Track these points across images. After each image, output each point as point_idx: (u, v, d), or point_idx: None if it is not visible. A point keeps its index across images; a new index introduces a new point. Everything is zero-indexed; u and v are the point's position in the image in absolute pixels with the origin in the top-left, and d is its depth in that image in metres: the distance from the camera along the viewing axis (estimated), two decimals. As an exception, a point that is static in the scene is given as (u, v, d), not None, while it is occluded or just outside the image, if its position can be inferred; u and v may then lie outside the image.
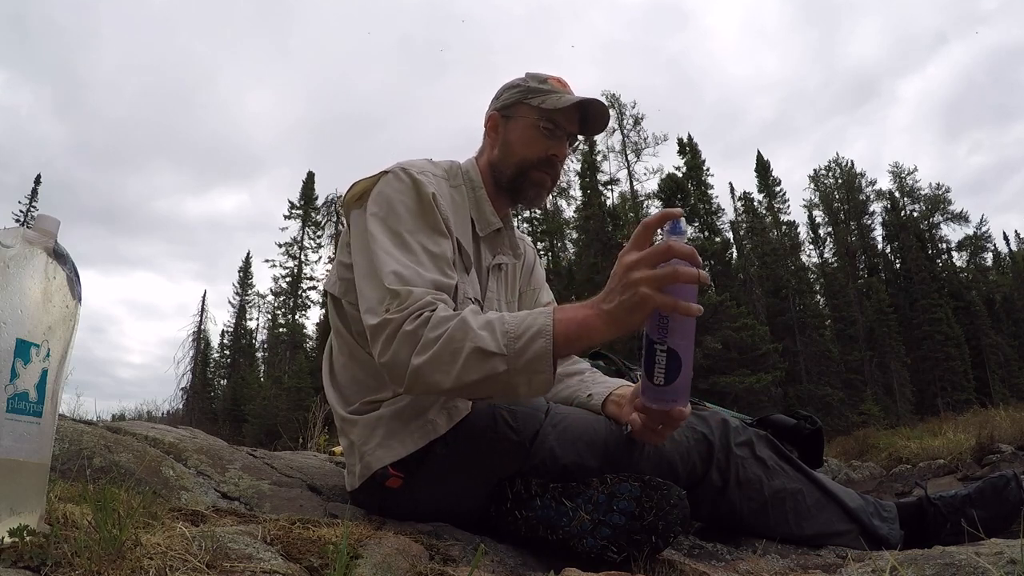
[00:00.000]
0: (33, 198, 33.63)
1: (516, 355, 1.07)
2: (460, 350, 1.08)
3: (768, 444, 1.38)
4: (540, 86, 1.43)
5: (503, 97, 1.47)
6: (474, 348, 1.07)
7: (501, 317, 1.11)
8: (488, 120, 1.49)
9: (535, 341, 1.06)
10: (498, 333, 1.08)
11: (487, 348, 1.07)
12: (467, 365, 1.08)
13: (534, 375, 1.07)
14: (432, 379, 1.11)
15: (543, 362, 1.06)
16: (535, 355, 1.06)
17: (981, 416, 8.70)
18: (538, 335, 1.07)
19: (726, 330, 26.11)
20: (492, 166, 1.47)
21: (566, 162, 1.53)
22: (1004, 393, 27.01)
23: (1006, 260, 42.97)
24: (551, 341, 1.06)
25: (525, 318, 1.10)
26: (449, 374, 1.09)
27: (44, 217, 0.82)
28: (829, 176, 41.62)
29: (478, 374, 1.08)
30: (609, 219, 32.41)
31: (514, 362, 1.07)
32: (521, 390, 1.10)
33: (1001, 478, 1.40)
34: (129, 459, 1.42)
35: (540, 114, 1.41)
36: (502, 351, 1.07)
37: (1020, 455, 4.24)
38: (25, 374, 0.77)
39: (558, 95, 1.40)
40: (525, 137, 1.43)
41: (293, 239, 39.19)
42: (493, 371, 1.07)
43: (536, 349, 1.06)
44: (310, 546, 0.92)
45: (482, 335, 1.08)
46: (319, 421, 5.03)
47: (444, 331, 1.10)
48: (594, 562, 1.13)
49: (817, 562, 1.25)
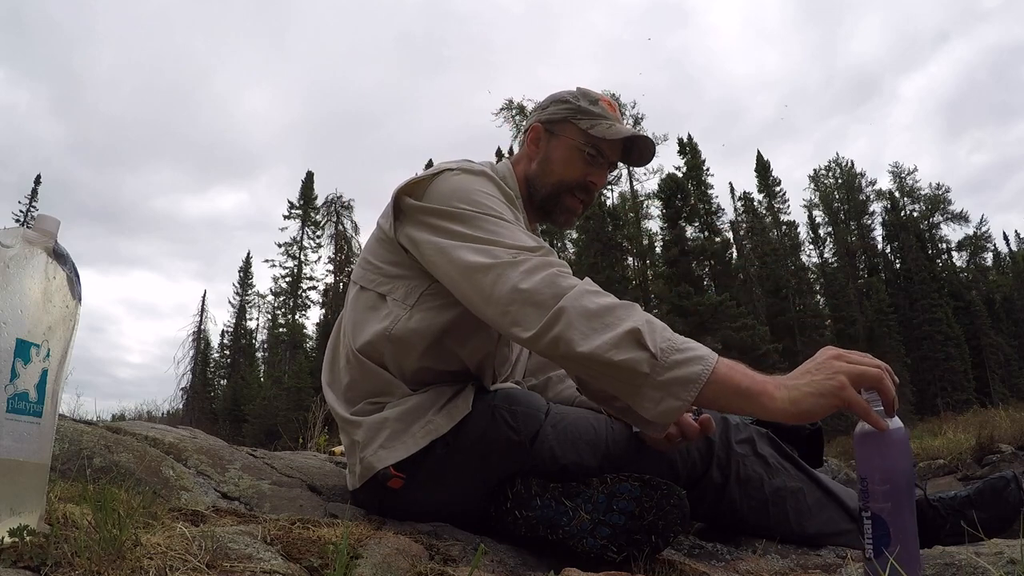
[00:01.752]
0: (33, 198, 33.63)
1: (665, 366, 0.97)
2: (618, 323, 0.99)
3: (769, 442, 1.38)
4: (591, 108, 1.40)
5: (550, 110, 1.44)
6: (631, 329, 0.99)
7: (668, 327, 1.03)
8: (531, 131, 1.45)
9: (692, 364, 0.97)
10: (658, 336, 0.99)
11: (643, 339, 0.98)
12: (620, 342, 0.98)
13: (669, 397, 0.97)
14: (573, 332, 1.00)
15: (687, 388, 0.96)
16: (683, 377, 0.96)
17: (981, 416, 8.71)
18: (698, 360, 0.97)
19: (726, 330, 26.12)
20: (528, 179, 1.45)
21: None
22: (1004, 393, 27.02)
23: (1006, 260, 43.01)
24: (708, 372, 0.96)
25: (689, 339, 1.01)
26: (594, 338, 0.99)
27: (44, 217, 0.82)
28: (829, 176, 41.68)
29: (623, 356, 0.97)
30: (609, 219, 32.40)
31: (659, 371, 0.97)
32: (646, 404, 0.99)
33: (1001, 479, 1.40)
34: (129, 459, 1.42)
35: (587, 139, 1.39)
36: (655, 352, 0.98)
37: (1020, 455, 4.24)
38: (25, 374, 0.77)
39: (609, 123, 1.38)
40: (567, 158, 1.41)
41: (293, 239, 39.20)
42: (635, 366, 0.97)
43: (688, 372, 0.96)
44: (310, 546, 0.92)
45: (644, 326, 0.99)
46: (319, 421, 5.03)
47: (605, 295, 1.02)
48: (594, 562, 1.13)
49: (817, 562, 1.25)
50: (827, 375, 0.91)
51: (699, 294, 28.40)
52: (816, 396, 0.91)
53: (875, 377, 0.89)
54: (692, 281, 29.49)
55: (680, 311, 27.11)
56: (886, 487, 0.86)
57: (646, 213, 34.43)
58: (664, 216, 32.01)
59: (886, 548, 0.85)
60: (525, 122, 1.50)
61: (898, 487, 0.86)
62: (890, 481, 0.86)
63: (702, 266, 32.28)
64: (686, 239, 31.11)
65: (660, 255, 32.70)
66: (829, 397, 0.90)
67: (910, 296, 34.75)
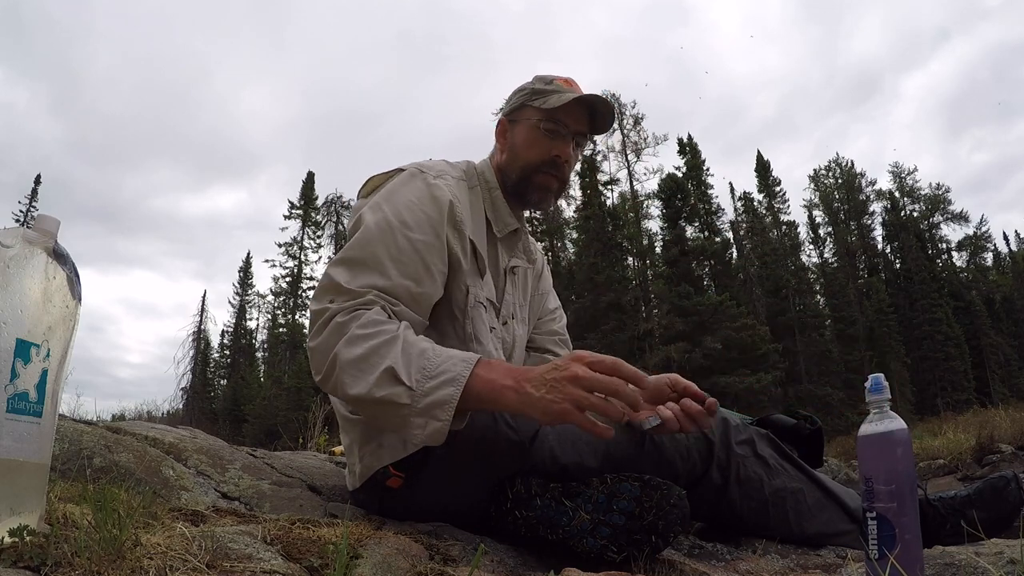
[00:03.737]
0: (33, 198, 33.63)
1: (422, 394, 1.05)
2: (378, 364, 1.08)
3: (770, 443, 1.38)
4: (544, 87, 1.42)
5: (511, 101, 1.48)
6: (388, 367, 1.07)
7: (429, 351, 1.10)
8: (497, 125, 1.49)
9: (444, 388, 1.05)
10: (414, 366, 1.07)
11: (399, 374, 1.06)
12: (379, 382, 1.07)
13: (432, 420, 1.05)
14: (344, 378, 1.10)
15: (444, 410, 1.04)
16: (439, 400, 1.05)
17: (981, 416, 8.70)
18: (450, 382, 1.05)
19: (726, 330, 26.11)
20: (501, 170, 1.47)
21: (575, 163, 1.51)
22: (1004, 393, 27.02)
23: (1006, 260, 43.01)
24: (459, 393, 1.04)
25: (445, 361, 1.08)
26: (360, 381, 1.08)
27: (44, 217, 0.82)
28: (829, 176, 41.66)
29: (383, 393, 1.06)
30: (609, 219, 32.37)
31: (418, 400, 1.05)
32: (416, 431, 1.07)
33: (1001, 479, 1.40)
34: (129, 459, 1.42)
35: (542, 115, 1.41)
36: (411, 384, 1.06)
37: (1020, 455, 4.24)
38: (25, 374, 0.77)
39: (560, 94, 1.39)
40: (529, 139, 1.43)
41: (293, 239, 39.20)
42: (396, 399, 1.06)
43: (443, 395, 1.05)
44: (310, 546, 0.92)
45: (401, 360, 1.07)
46: (319, 421, 5.03)
47: (371, 334, 1.10)
48: (594, 562, 1.13)
49: (817, 562, 1.25)
50: (556, 398, 1.00)
51: (699, 294, 28.39)
52: (543, 411, 1.02)
53: (600, 407, 1.00)
54: (692, 281, 29.48)
55: (680, 311, 27.10)
56: (891, 487, 0.87)
57: (646, 213, 34.37)
58: (664, 216, 32.01)
59: (891, 548, 0.86)
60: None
61: (902, 487, 0.87)
62: (895, 481, 0.87)
63: (702, 266, 32.29)
64: (686, 239, 31.11)
65: (660, 255, 32.67)
66: (553, 417, 1.01)
67: (910, 296, 34.76)
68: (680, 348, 25.97)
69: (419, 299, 1.23)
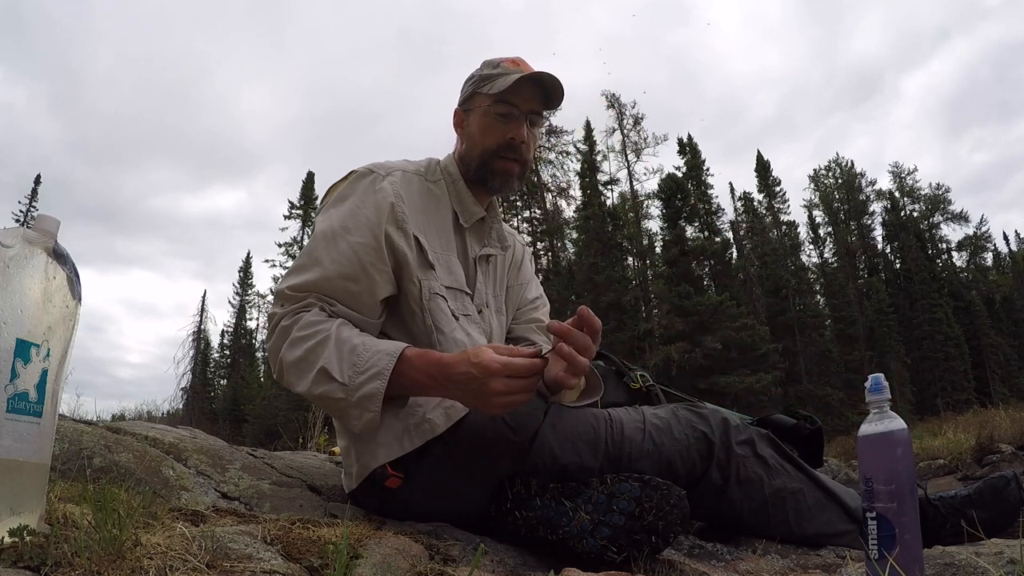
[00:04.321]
0: (33, 198, 33.63)
1: (354, 388, 1.15)
2: (314, 364, 1.18)
3: (770, 443, 1.38)
4: (492, 72, 1.43)
5: (463, 90, 1.49)
6: (321, 367, 1.17)
7: (359, 347, 1.19)
8: (454, 116, 1.52)
9: (372, 381, 1.15)
10: (345, 363, 1.17)
11: (331, 373, 1.16)
12: (316, 380, 1.18)
13: (364, 411, 1.16)
14: (290, 378, 1.22)
15: (373, 401, 1.15)
16: (368, 393, 1.15)
17: (981, 416, 8.69)
18: (376, 376, 1.15)
19: (726, 330, 26.11)
20: (461, 159, 1.49)
21: (541, 148, 1.54)
22: (1004, 393, 27.00)
23: (1006, 260, 42.99)
24: (384, 385, 1.14)
25: (374, 355, 1.17)
26: (302, 380, 1.20)
27: (44, 217, 0.82)
28: (829, 176, 41.65)
29: (320, 390, 1.17)
30: (609, 219, 32.38)
31: (351, 393, 1.15)
32: (354, 422, 1.18)
33: (1001, 478, 1.40)
34: (129, 459, 1.42)
35: (492, 99, 1.41)
36: (343, 380, 1.16)
37: (1020, 455, 4.23)
38: (25, 374, 0.77)
39: (506, 76, 1.40)
40: (483, 126, 1.44)
41: (293, 239, 39.13)
42: (332, 395, 1.17)
43: (370, 389, 1.15)
44: (310, 546, 0.92)
45: (332, 358, 1.17)
46: (319, 421, 5.03)
47: (308, 335, 1.21)
48: (594, 562, 1.13)
49: (817, 562, 1.25)
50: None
51: (699, 294, 28.38)
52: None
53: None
54: (692, 281, 29.47)
55: (680, 311, 27.10)
56: (891, 487, 0.88)
57: (646, 213, 34.36)
58: (664, 216, 31.99)
59: (891, 547, 0.86)
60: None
61: (902, 487, 0.87)
62: (895, 481, 0.87)
63: (702, 266, 32.28)
64: (686, 239, 31.09)
65: (660, 255, 32.65)
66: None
67: (910, 296, 34.75)
68: (680, 348, 25.97)
69: (358, 297, 1.29)
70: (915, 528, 0.87)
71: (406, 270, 1.33)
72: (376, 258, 1.30)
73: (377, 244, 1.30)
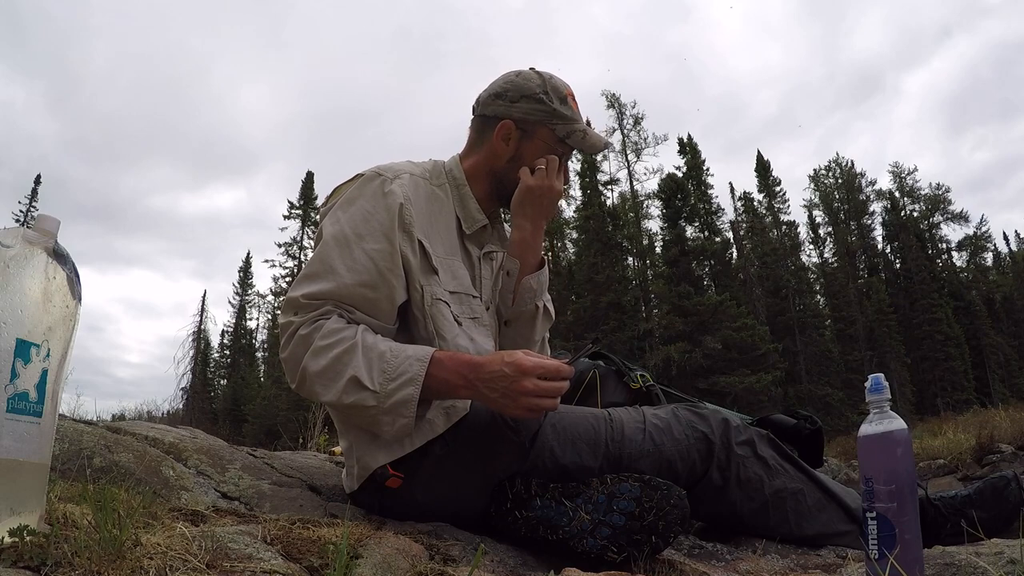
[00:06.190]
0: (33, 198, 33.63)
1: (386, 395, 1.16)
2: (342, 373, 1.18)
3: (770, 443, 1.38)
4: (562, 110, 1.41)
5: (521, 106, 1.41)
6: (351, 376, 1.17)
7: (387, 353, 1.19)
8: (501, 128, 1.42)
9: (405, 388, 1.16)
10: (375, 370, 1.17)
11: (362, 381, 1.16)
12: (346, 389, 1.17)
13: (398, 417, 1.17)
14: (316, 387, 1.20)
15: (407, 407, 1.16)
16: (401, 400, 1.16)
17: (981, 416, 8.69)
18: (409, 383, 1.16)
19: (726, 330, 26.12)
20: (496, 175, 1.45)
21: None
22: (1004, 393, 27.02)
23: (1006, 260, 42.97)
24: (419, 391, 1.16)
25: (404, 361, 1.18)
26: (330, 389, 1.19)
27: (44, 217, 0.82)
28: (829, 176, 41.60)
29: (351, 399, 1.17)
30: (609, 219, 32.37)
31: (384, 400, 1.16)
32: (385, 428, 1.18)
33: (1001, 478, 1.40)
34: (129, 459, 1.42)
35: (562, 146, 1.44)
36: (375, 388, 1.16)
37: (1020, 455, 4.23)
38: (25, 374, 0.77)
39: (582, 131, 1.43)
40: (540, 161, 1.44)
41: (293, 239, 39.12)
42: (364, 403, 1.17)
43: (404, 395, 1.16)
44: (310, 546, 0.92)
45: (361, 366, 1.17)
46: (319, 421, 5.02)
47: (332, 344, 1.19)
48: (594, 562, 1.13)
49: (817, 562, 1.25)
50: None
51: (699, 294, 28.39)
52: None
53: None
54: (692, 281, 29.48)
55: (680, 311, 27.11)
56: (891, 487, 0.87)
57: (646, 213, 34.32)
58: (664, 216, 31.99)
59: (891, 548, 0.86)
60: (479, 108, 1.47)
61: (902, 487, 0.87)
62: (895, 481, 0.87)
63: (702, 266, 32.28)
64: (686, 239, 31.09)
65: (660, 255, 32.64)
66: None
67: (910, 296, 34.75)
68: (680, 348, 25.98)
69: (376, 303, 1.27)
70: (915, 528, 0.87)
71: (410, 276, 1.32)
72: (393, 264, 1.28)
73: (393, 249, 1.29)
